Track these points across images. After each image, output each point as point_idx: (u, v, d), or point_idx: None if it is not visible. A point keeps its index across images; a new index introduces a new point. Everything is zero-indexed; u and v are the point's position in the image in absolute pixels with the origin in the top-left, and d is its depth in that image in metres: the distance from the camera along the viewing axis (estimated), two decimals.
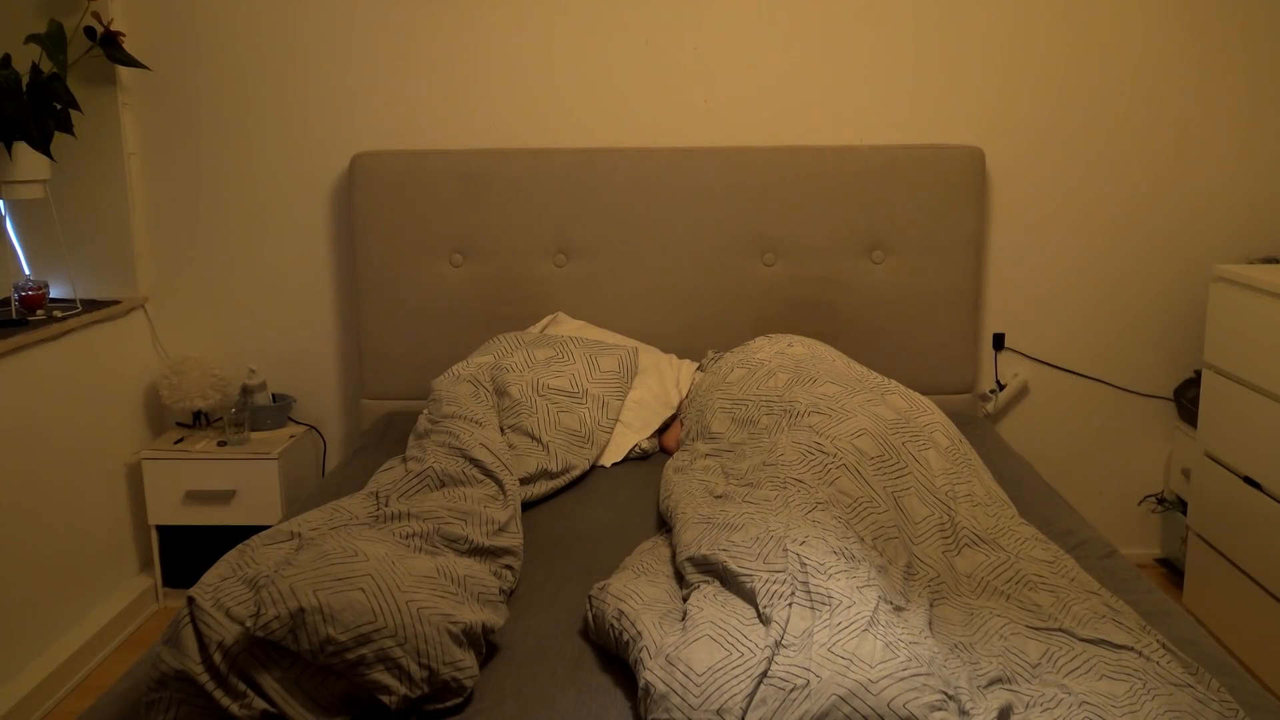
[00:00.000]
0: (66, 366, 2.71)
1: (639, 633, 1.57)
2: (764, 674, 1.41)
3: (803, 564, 1.62)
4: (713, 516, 1.89)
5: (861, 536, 1.82)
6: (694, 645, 1.48)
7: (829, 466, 2.01)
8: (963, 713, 1.37)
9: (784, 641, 1.47)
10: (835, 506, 1.90)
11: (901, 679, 1.36)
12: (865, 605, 1.51)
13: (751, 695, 1.39)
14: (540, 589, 1.90)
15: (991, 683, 1.51)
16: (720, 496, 2.05)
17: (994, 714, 1.40)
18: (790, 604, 1.54)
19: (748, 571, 1.64)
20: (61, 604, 2.66)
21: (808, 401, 2.27)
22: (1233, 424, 2.63)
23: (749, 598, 1.60)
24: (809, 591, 1.56)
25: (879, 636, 1.44)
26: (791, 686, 1.37)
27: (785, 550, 1.67)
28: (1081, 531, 2.11)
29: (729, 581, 1.67)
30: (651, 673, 1.47)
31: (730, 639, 1.49)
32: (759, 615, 1.55)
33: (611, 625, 1.64)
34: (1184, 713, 1.42)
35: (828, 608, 1.51)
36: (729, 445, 2.31)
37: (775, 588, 1.58)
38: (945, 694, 1.36)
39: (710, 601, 1.61)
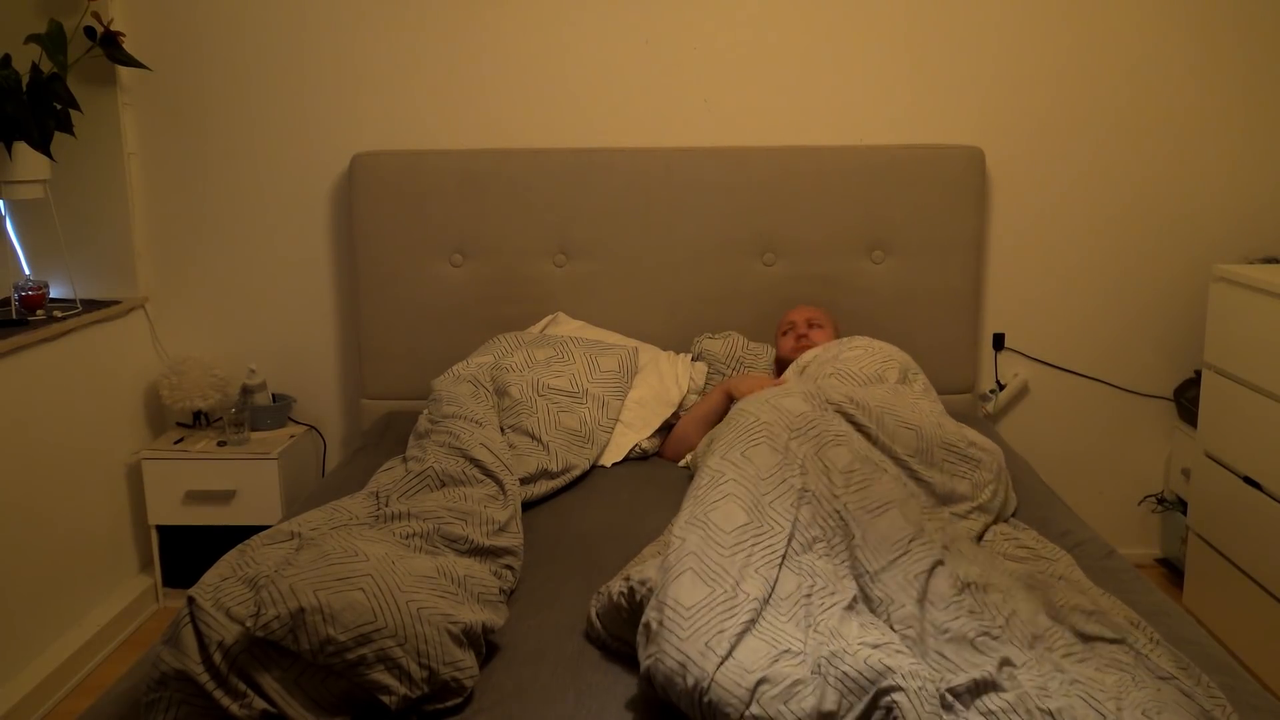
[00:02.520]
0: (66, 366, 2.71)
1: (644, 580, 1.63)
2: (751, 622, 1.50)
3: (797, 529, 1.72)
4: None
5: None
6: (679, 580, 1.56)
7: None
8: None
9: (771, 600, 1.56)
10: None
11: (876, 645, 1.48)
12: (844, 593, 1.63)
13: (739, 635, 1.47)
14: (540, 589, 1.90)
15: (982, 634, 1.56)
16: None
17: (969, 678, 1.46)
18: (780, 566, 1.64)
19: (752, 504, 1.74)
20: (61, 604, 2.66)
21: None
22: (1233, 424, 2.63)
23: (743, 513, 1.70)
24: (799, 564, 1.66)
25: (856, 618, 1.57)
26: (785, 649, 1.47)
27: (793, 492, 1.77)
28: (1080, 532, 2.11)
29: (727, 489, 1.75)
30: (647, 613, 1.55)
31: (712, 574, 1.57)
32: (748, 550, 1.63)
33: (621, 594, 1.66)
34: (1167, 702, 1.45)
35: (810, 581, 1.63)
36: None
37: (771, 540, 1.67)
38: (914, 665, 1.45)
39: (692, 529, 1.66)
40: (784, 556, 1.65)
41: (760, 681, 1.41)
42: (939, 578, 1.66)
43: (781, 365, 2.72)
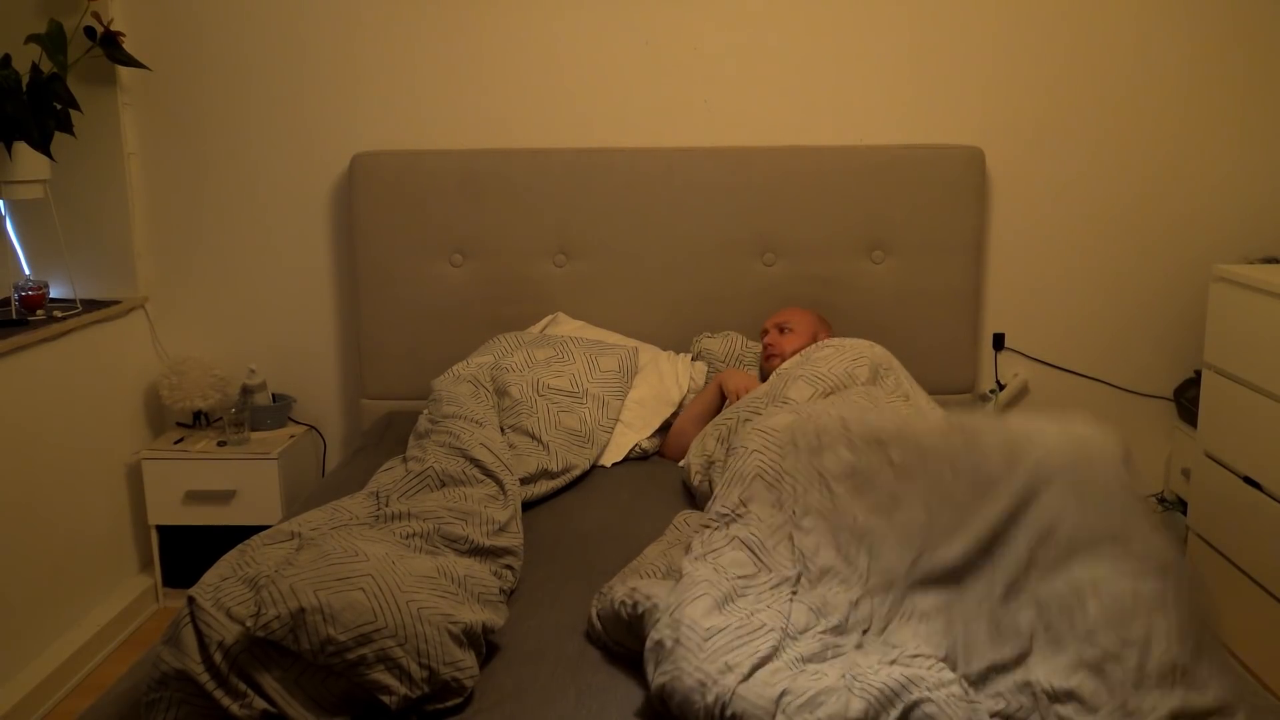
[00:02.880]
0: (66, 366, 2.71)
1: (649, 595, 1.63)
2: (775, 648, 1.49)
3: (805, 566, 1.70)
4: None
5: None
6: (695, 603, 1.55)
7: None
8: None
9: (789, 632, 1.55)
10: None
11: (894, 661, 1.50)
12: (857, 627, 1.62)
13: (763, 659, 1.46)
14: (540, 589, 1.90)
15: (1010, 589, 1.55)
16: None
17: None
18: (791, 600, 1.63)
19: (760, 555, 1.73)
20: (61, 604, 2.66)
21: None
22: (1233, 424, 2.63)
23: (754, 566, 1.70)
24: (811, 598, 1.66)
25: (870, 653, 1.57)
26: (802, 669, 1.47)
27: (791, 540, 1.75)
28: None
29: (739, 546, 1.75)
30: (659, 630, 1.53)
31: (727, 604, 1.57)
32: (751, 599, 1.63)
33: (623, 603, 1.65)
34: (1202, 646, 1.45)
35: (825, 619, 1.61)
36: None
37: (779, 583, 1.67)
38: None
39: (703, 564, 1.67)
40: (794, 593, 1.65)
41: (783, 694, 1.40)
42: (952, 557, 1.64)
43: (764, 374, 2.72)
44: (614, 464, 2.56)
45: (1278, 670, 2.45)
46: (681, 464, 2.52)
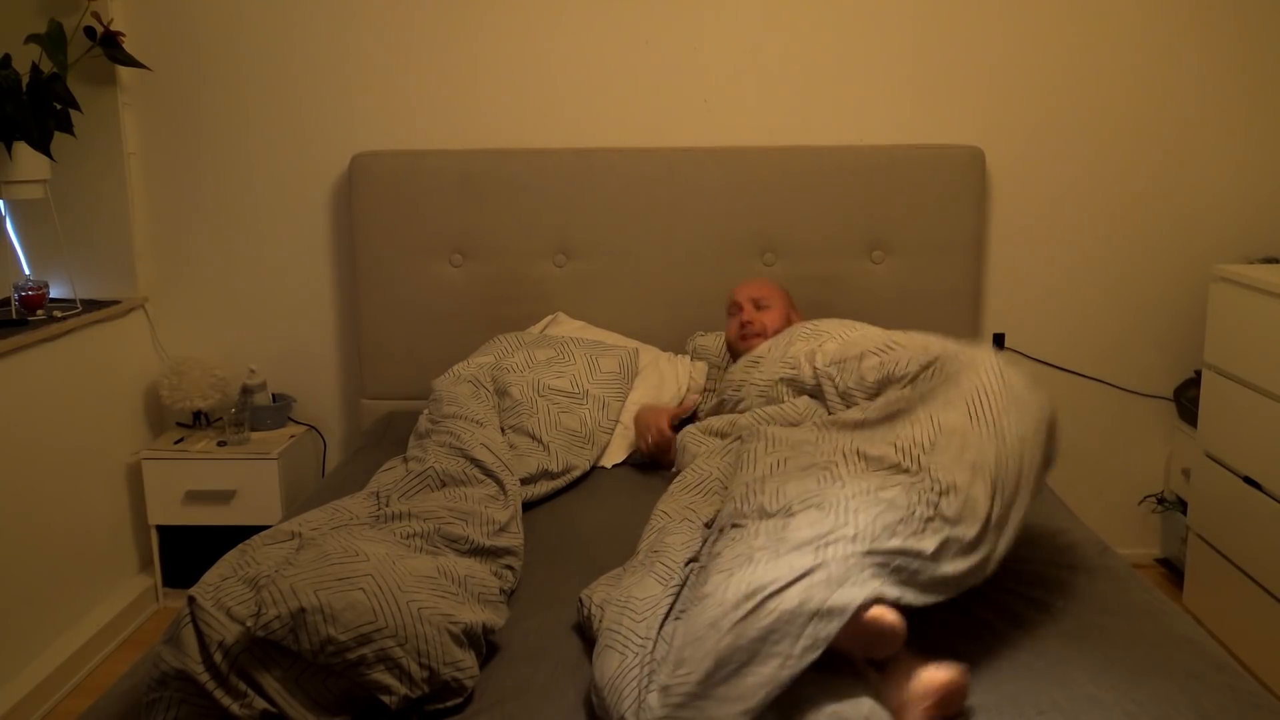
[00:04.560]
0: (66, 366, 2.71)
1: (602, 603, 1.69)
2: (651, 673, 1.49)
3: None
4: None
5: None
6: (600, 658, 1.53)
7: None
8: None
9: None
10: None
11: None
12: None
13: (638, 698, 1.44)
14: (540, 589, 1.90)
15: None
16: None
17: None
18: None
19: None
20: (61, 604, 2.66)
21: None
22: (1233, 424, 2.64)
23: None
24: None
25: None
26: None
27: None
28: (1075, 531, 2.10)
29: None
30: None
31: (624, 642, 1.53)
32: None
33: (585, 618, 1.70)
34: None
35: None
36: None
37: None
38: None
39: (611, 606, 1.65)
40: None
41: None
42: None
43: (733, 352, 2.64)
44: (614, 465, 2.56)
45: (1278, 670, 2.45)
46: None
